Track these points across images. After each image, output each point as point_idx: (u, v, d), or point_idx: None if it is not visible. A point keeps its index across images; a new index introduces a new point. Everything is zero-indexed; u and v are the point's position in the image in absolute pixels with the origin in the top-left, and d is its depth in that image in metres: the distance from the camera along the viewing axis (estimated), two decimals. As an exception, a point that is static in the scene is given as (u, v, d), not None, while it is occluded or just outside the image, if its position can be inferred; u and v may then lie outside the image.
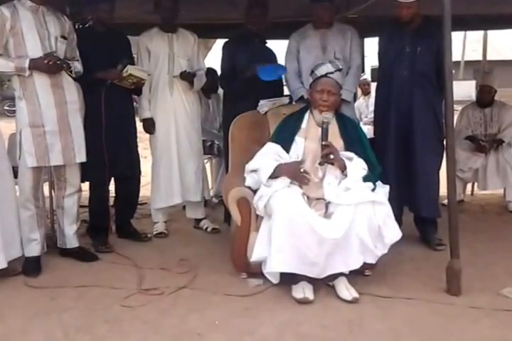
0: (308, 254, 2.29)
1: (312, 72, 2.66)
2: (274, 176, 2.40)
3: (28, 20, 2.57)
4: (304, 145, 2.55)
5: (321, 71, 2.57)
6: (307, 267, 2.32)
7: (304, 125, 2.61)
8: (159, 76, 3.28)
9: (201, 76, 3.36)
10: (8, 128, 2.93)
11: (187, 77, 3.24)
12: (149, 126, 3.33)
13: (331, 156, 2.41)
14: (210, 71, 3.59)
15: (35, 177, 2.70)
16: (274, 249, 2.30)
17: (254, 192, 2.51)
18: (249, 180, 2.54)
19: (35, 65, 2.55)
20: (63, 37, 2.71)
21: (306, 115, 2.64)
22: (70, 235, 2.89)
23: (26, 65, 2.53)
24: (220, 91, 3.93)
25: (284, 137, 2.59)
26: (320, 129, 2.48)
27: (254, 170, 2.51)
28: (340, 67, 2.60)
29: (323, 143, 2.42)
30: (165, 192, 3.35)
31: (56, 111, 2.67)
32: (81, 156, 2.81)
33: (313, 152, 2.52)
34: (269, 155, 2.50)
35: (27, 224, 2.70)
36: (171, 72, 3.26)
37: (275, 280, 2.42)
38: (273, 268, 2.33)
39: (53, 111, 2.66)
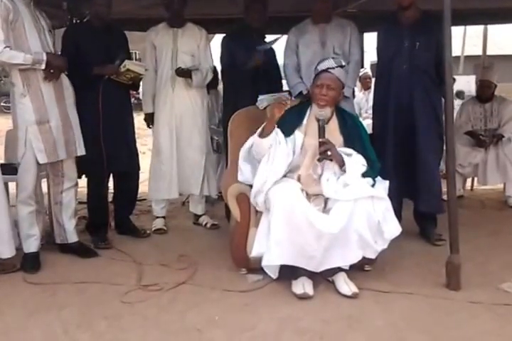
0: (307, 248, 2.30)
1: (315, 67, 2.65)
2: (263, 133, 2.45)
3: (25, 14, 2.57)
4: (303, 141, 2.54)
5: (323, 66, 2.56)
6: (305, 260, 2.33)
7: (305, 121, 2.60)
8: (162, 71, 3.28)
9: (204, 72, 3.32)
10: (6, 124, 2.92)
11: (182, 73, 3.22)
12: (148, 120, 3.38)
13: (329, 153, 2.41)
14: (210, 67, 3.58)
15: (38, 173, 2.71)
16: (272, 242, 2.30)
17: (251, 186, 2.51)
18: (241, 175, 2.55)
19: (53, 59, 2.56)
20: (50, 31, 2.73)
21: (308, 111, 2.62)
22: (70, 230, 2.89)
23: (44, 57, 2.53)
24: (220, 87, 3.92)
25: (284, 128, 2.55)
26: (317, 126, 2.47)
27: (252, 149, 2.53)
28: (343, 63, 2.57)
29: (320, 140, 2.42)
30: (163, 185, 3.35)
31: (57, 106, 2.68)
32: (81, 149, 2.83)
33: (312, 148, 2.51)
34: None
35: (26, 220, 2.70)
36: (173, 68, 3.25)
37: (274, 275, 2.42)
38: (271, 261, 2.34)
39: (56, 107, 2.67)
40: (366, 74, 5.64)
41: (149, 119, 3.41)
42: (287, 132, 2.53)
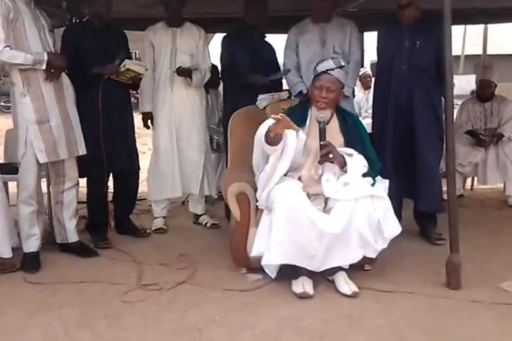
0: (308, 247, 2.30)
1: (314, 68, 2.64)
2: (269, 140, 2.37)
3: (26, 14, 2.57)
4: (306, 142, 2.53)
5: (322, 67, 2.54)
6: (306, 259, 2.33)
7: (307, 122, 2.58)
8: (161, 71, 3.27)
9: (203, 71, 3.32)
10: (6, 124, 2.92)
11: (183, 72, 3.22)
12: (146, 119, 3.36)
13: (330, 155, 2.41)
14: (212, 67, 3.57)
15: (39, 172, 2.71)
16: (274, 241, 2.30)
17: (254, 188, 2.50)
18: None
19: (54, 59, 2.55)
20: (50, 30, 2.72)
21: (309, 112, 2.61)
22: (71, 229, 2.89)
23: (45, 57, 2.53)
24: (221, 87, 3.92)
25: None
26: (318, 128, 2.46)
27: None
28: (343, 64, 2.56)
29: (321, 142, 2.41)
30: (163, 185, 3.35)
31: (58, 106, 2.68)
32: (82, 149, 2.83)
33: (314, 149, 2.50)
34: None
35: (27, 220, 2.69)
36: (172, 67, 3.25)
37: (272, 274, 2.41)
38: (272, 260, 2.34)
39: (56, 106, 2.67)
40: (366, 74, 5.63)
41: (147, 119, 3.39)
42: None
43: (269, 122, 2.44)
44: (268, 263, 2.37)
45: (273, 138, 2.36)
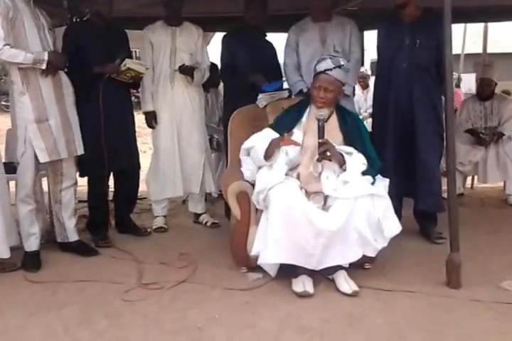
0: (305, 246, 2.30)
1: (314, 66, 2.64)
2: (268, 154, 2.45)
3: (25, 12, 2.56)
4: (303, 139, 2.53)
5: (320, 67, 2.54)
6: (304, 258, 2.33)
7: (303, 119, 2.60)
8: (161, 69, 3.27)
9: (203, 70, 3.33)
10: (6, 123, 2.91)
11: (185, 71, 3.22)
12: (150, 119, 3.34)
13: (328, 153, 2.41)
14: (212, 66, 3.57)
15: (37, 172, 2.70)
16: (270, 240, 2.30)
17: (253, 185, 2.50)
18: (246, 170, 2.56)
19: (54, 58, 2.55)
20: (50, 29, 2.72)
21: (307, 109, 2.62)
22: (71, 228, 2.90)
23: (46, 57, 2.52)
24: (221, 86, 3.92)
25: (283, 127, 2.55)
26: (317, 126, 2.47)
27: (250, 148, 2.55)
28: (342, 63, 2.55)
29: (320, 140, 2.41)
30: (164, 184, 3.35)
31: (57, 105, 2.68)
32: (81, 149, 2.83)
33: (311, 147, 2.51)
34: (266, 138, 2.50)
35: (27, 218, 2.70)
36: (172, 66, 3.25)
37: (273, 273, 2.42)
38: (269, 259, 2.34)
39: (55, 105, 2.67)
40: (362, 74, 5.59)
41: (150, 118, 3.37)
42: (287, 129, 2.52)
43: (259, 135, 2.50)
44: (264, 262, 2.36)
45: (270, 151, 2.43)
